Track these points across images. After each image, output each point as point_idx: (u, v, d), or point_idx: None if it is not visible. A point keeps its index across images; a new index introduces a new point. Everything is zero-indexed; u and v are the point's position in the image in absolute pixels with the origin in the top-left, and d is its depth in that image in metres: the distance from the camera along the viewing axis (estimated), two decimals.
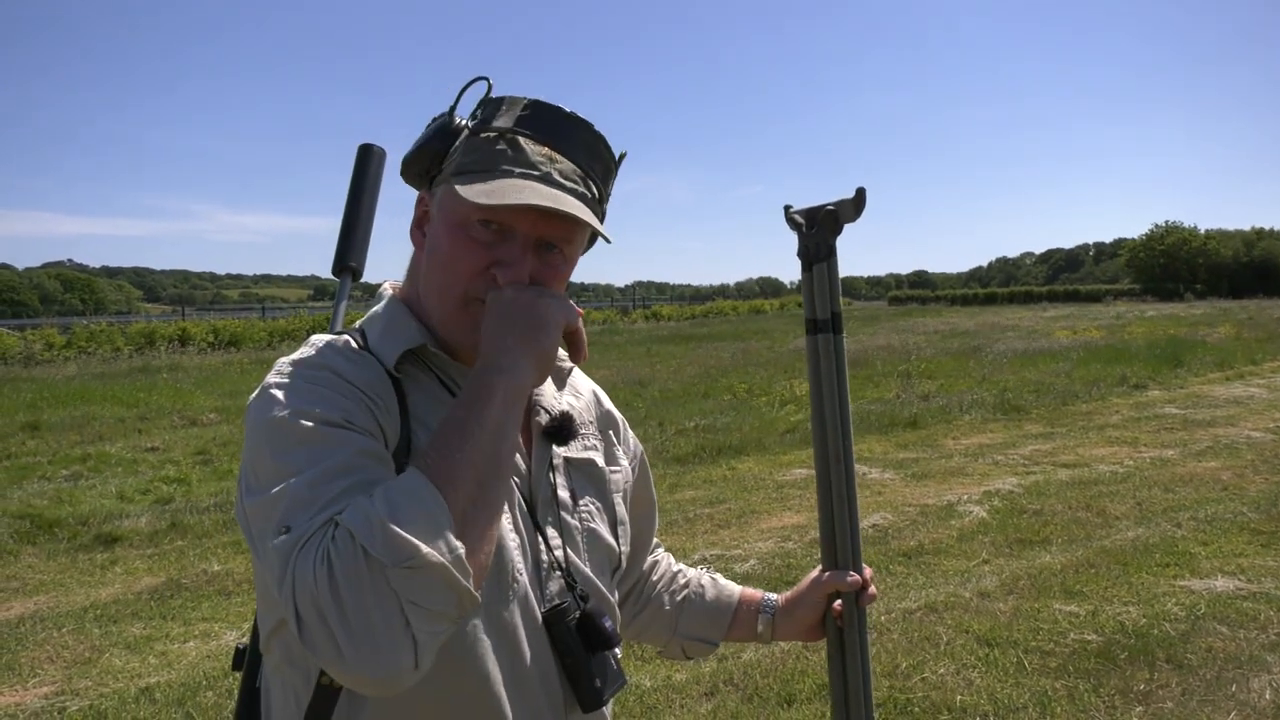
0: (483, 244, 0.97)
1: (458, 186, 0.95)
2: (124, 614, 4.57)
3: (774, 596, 1.31)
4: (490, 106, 1.01)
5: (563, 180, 0.98)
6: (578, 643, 1.01)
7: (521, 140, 0.98)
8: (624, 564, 1.17)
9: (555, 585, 1.03)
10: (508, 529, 0.98)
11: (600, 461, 1.16)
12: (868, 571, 1.24)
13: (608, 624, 1.03)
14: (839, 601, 1.23)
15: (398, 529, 0.76)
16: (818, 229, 1.22)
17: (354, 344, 1.01)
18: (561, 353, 1.13)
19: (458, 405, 0.87)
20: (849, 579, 1.21)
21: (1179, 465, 7.22)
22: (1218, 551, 5.02)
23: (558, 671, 1.01)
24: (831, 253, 1.22)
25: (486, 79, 1.03)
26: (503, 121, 0.98)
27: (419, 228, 1.05)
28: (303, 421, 0.88)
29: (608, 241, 1.02)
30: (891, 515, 5.98)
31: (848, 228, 1.22)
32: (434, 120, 1.04)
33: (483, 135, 0.99)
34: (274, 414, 0.89)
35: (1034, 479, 6.90)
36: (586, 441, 1.15)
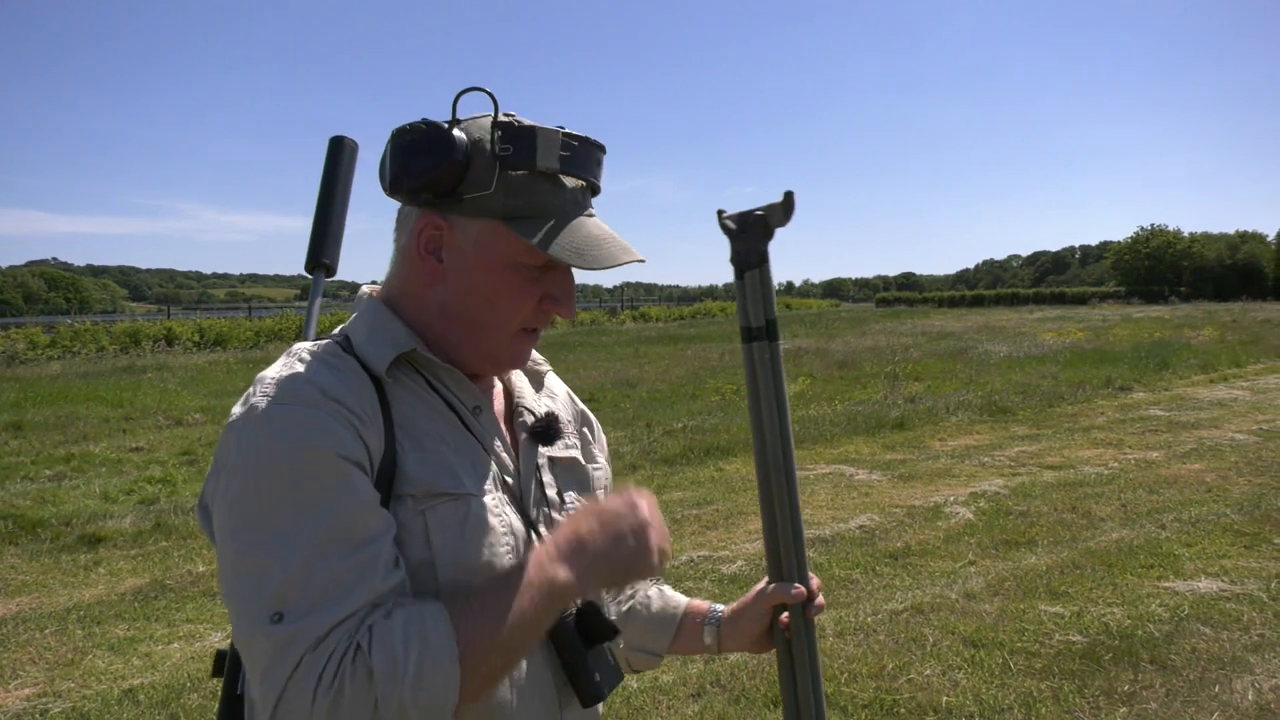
0: (532, 280, 0.99)
1: (529, 239, 0.94)
2: (107, 615, 4.54)
3: (720, 608, 1.28)
4: (521, 139, 0.95)
5: (593, 209, 1.03)
6: (576, 638, 1.02)
7: (563, 178, 0.98)
8: None
9: None
10: (502, 530, 0.98)
11: (582, 460, 1.17)
12: (815, 582, 1.21)
13: (606, 617, 1.05)
14: (785, 614, 1.19)
15: (417, 693, 0.81)
16: (748, 235, 1.20)
17: (339, 349, 0.98)
18: (537, 355, 1.16)
19: (517, 576, 0.90)
20: (794, 591, 1.16)
21: (1163, 467, 7.27)
22: (1201, 553, 5.06)
23: (557, 668, 1.02)
24: (764, 259, 1.21)
25: (491, 95, 0.96)
26: (546, 162, 0.96)
27: (430, 252, 0.99)
28: (292, 462, 0.86)
29: (641, 261, 1.04)
30: (878, 516, 6.00)
31: (788, 235, 1.21)
32: (421, 131, 0.96)
33: (522, 173, 0.96)
34: (261, 448, 0.87)
35: (1020, 480, 6.93)
36: (568, 440, 1.16)
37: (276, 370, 0.94)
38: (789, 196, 1.16)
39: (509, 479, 1.03)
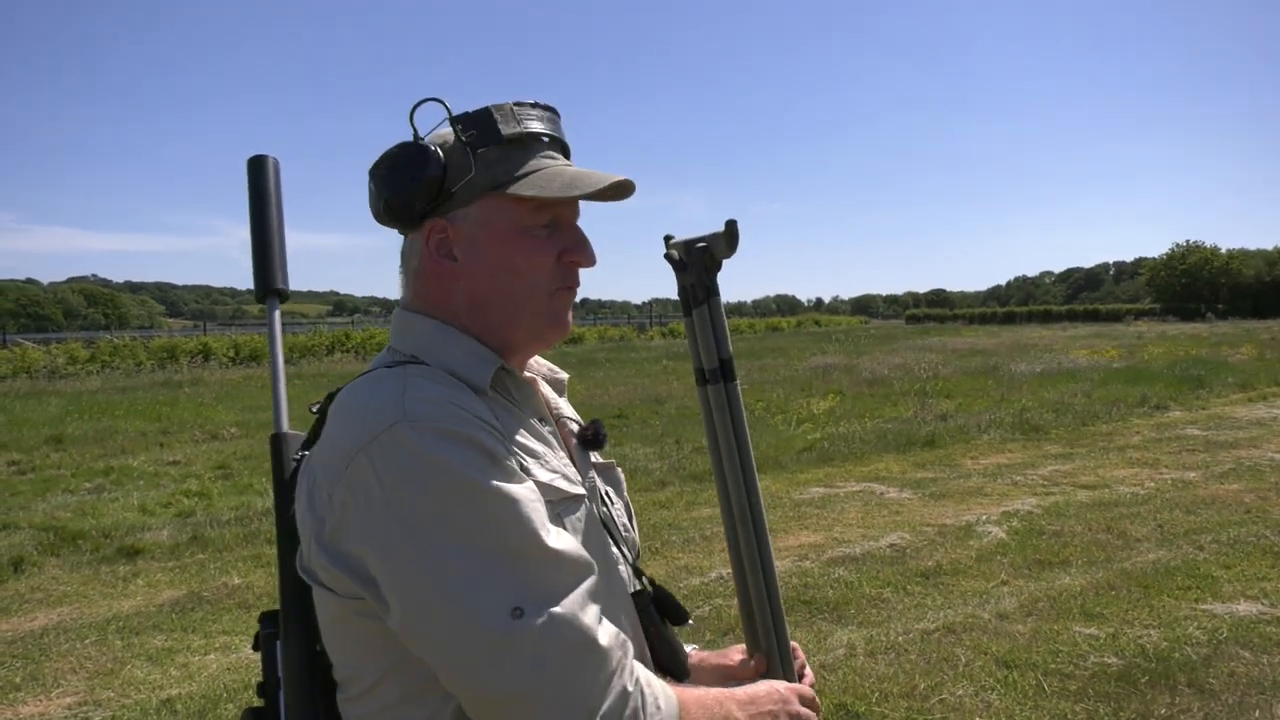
0: (545, 240, 1.04)
1: (524, 192, 1.00)
2: (145, 626, 4.62)
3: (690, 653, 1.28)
4: (480, 120, 1.02)
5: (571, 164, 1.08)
6: (661, 620, 1.12)
7: (529, 140, 1.04)
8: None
9: (625, 571, 1.11)
10: (598, 529, 1.07)
11: (616, 463, 1.24)
12: (799, 659, 1.25)
13: (679, 601, 1.15)
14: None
15: None
16: (693, 268, 1.13)
17: (438, 371, 1.00)
18: (554, 366, 1.22)
19: (712, 701, 1.01)
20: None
21: (1201, 487, 7.16)
22: (1240, 575, 4.97)
23: (647, 650, 1.09)
24: (711, 293, 1.14)
25: (441, 100, 1.02)
26: (510, 129, 1.02)
27: (444, 255, 1.04)
28: (477, 465, 0.89)
29: (629, 181, 1.07)
30: (909, 535, 5.96)
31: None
32: (394, 154, 1.02)
33: (493, 146, 1.01)
34: (435, 462, 0.87)
35: (1053, 500, 6.85)
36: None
37: (399, 394, 0.92)
38: (731, 226, 1.11)
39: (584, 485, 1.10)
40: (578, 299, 1.15)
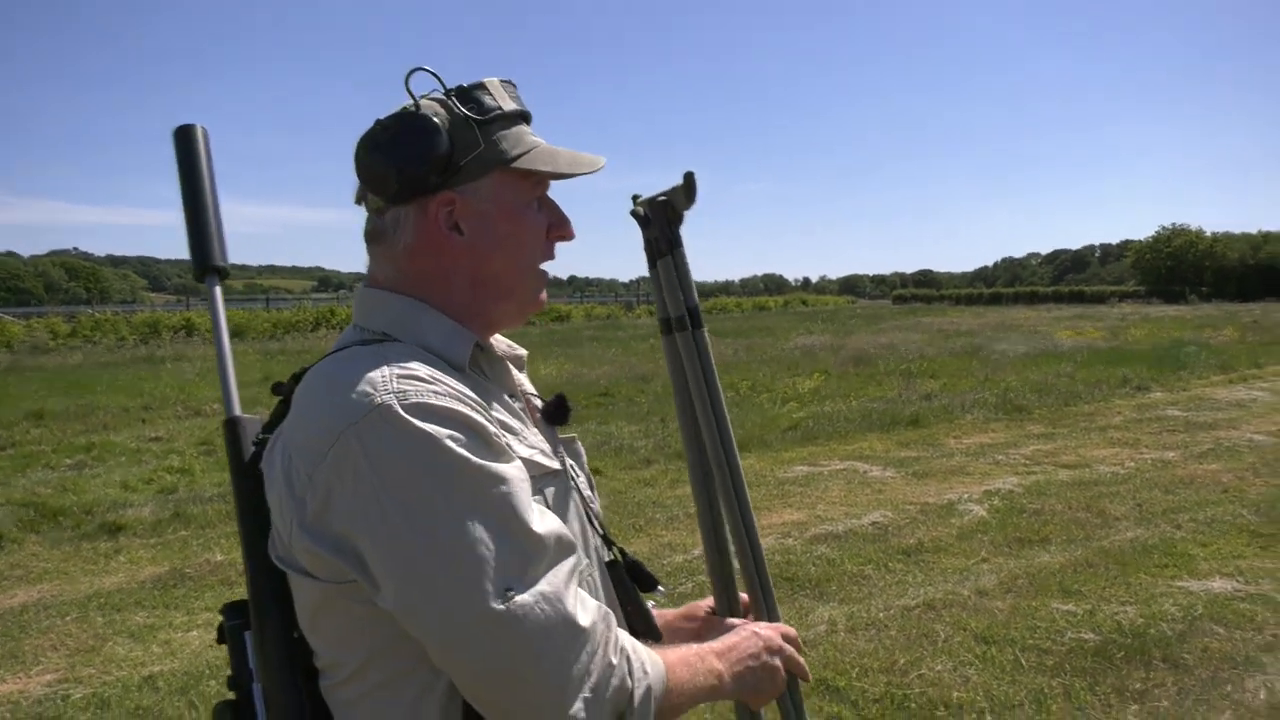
0: (539, 215, 1.07)
1: (538, 167, 1.03)
2: (127, 603, 4.61)
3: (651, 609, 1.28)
4: (476, 96, 1.02)
5: None
6: (634, 587, 1.14)
7: (517, 116, 1.06)
8: None
9: (597, 542, 1.12)
10: (576, 503, 1.08)
11: (577, 436, 1.24)
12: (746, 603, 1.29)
13: (648, 570, 1.17)
14: None
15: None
16: (655, 222, 1.18)
17: (415, 349, 0.98)
18: (512, 342, 1.21)
19: (694, 656, 1.04)
20: None
21: (1180, 467, 7.23)
22: (1216, 553, 5.04)
23: (622, 618, 1.10)
24: (675, 244, 1.18)
25: (433, 72, 1.01)
26: (507, 105, 1.04)
27: (451, 229, 1.02)
28: (464, 442, 0.88)
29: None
30: (891, 513, 6.00)
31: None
32: (402, 121, 0.99)
33: (496, 119, 1.02)
34: (423, 439, 0.86)
35: (1035, 479, 6.91)
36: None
37: (382, 372, 0.90)
38: (689, 177, 1.15)
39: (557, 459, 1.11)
40: (564, 276, 1.16)
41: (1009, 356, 15.94)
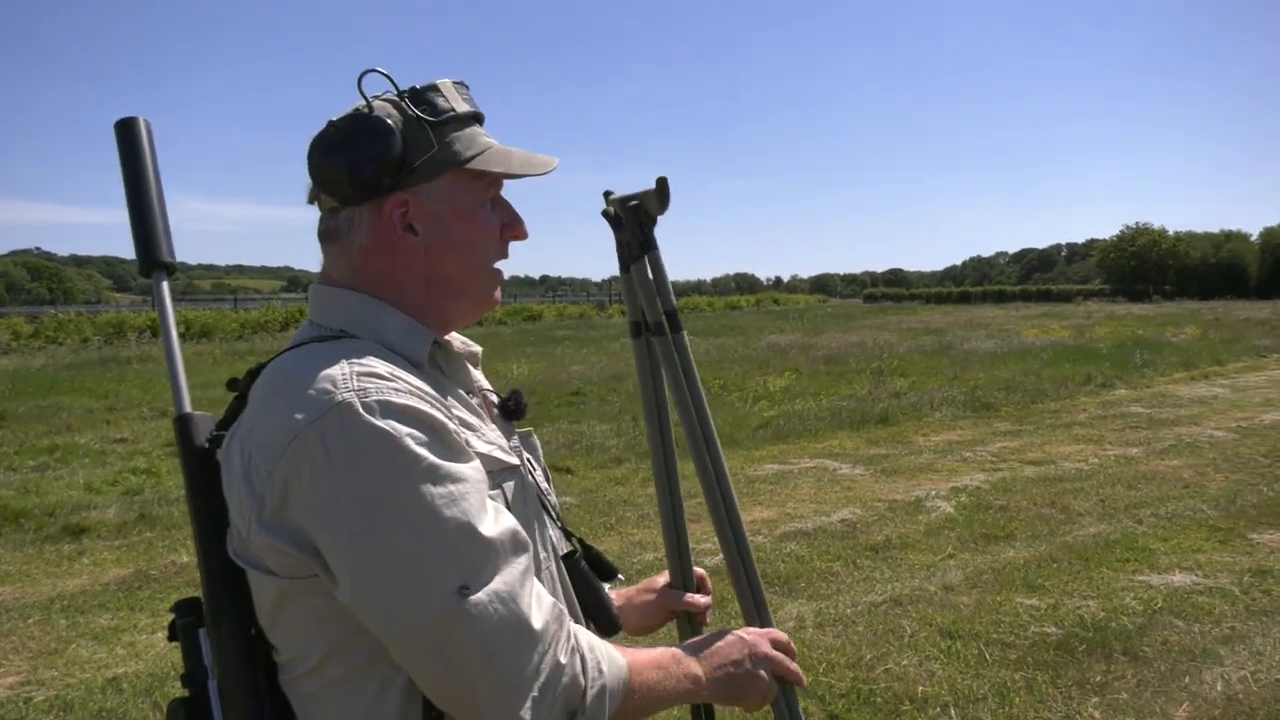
0: (492, 215, 1.09)
1: (490, 168, 1.04)
2: (91, 605, 4.55)
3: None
4: (428, 97, 1.03)
5: None
6: (593, 577, 1.15)
7: (469, 118, 1.07)
8: None
9: (555, 534, 1.14)
10: (534, 499, 1.10)
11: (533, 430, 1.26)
12: (706, 585, 1.39)
13: (608, 558, 1.20)
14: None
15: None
16: (628, 225, 1.18)
17: (376, 345, 0.99)
18: (467, 339, 1.21)
19: (667, 659, 1.05)
20: (702, 600, 1.36)
21: (1142, 463, 7.36)
22: (1176, 547, 5.14)
23: (579, 609, 1.12)
24: (649, 247, 1.18)
25: (384, 73, 1.02)
26: (460, 106, 1.05)
27: (406, 229, 1.02)
28: (421, 440, 0.89)
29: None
30: (860, 510, 6.06)
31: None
32: (354, 123, 1.00)
33: (447, 123, 1.03)
34: (381, 435, 0.87)
35: (1001, 475, 7.01)
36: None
37: (342, 369, 0.91)
38: (661, 183, 1.15)
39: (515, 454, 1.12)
40: (536, 276, 1.17)
41: (977, 354, 16.13)
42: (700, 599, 1.36)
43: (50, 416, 10.36)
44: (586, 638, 0.97)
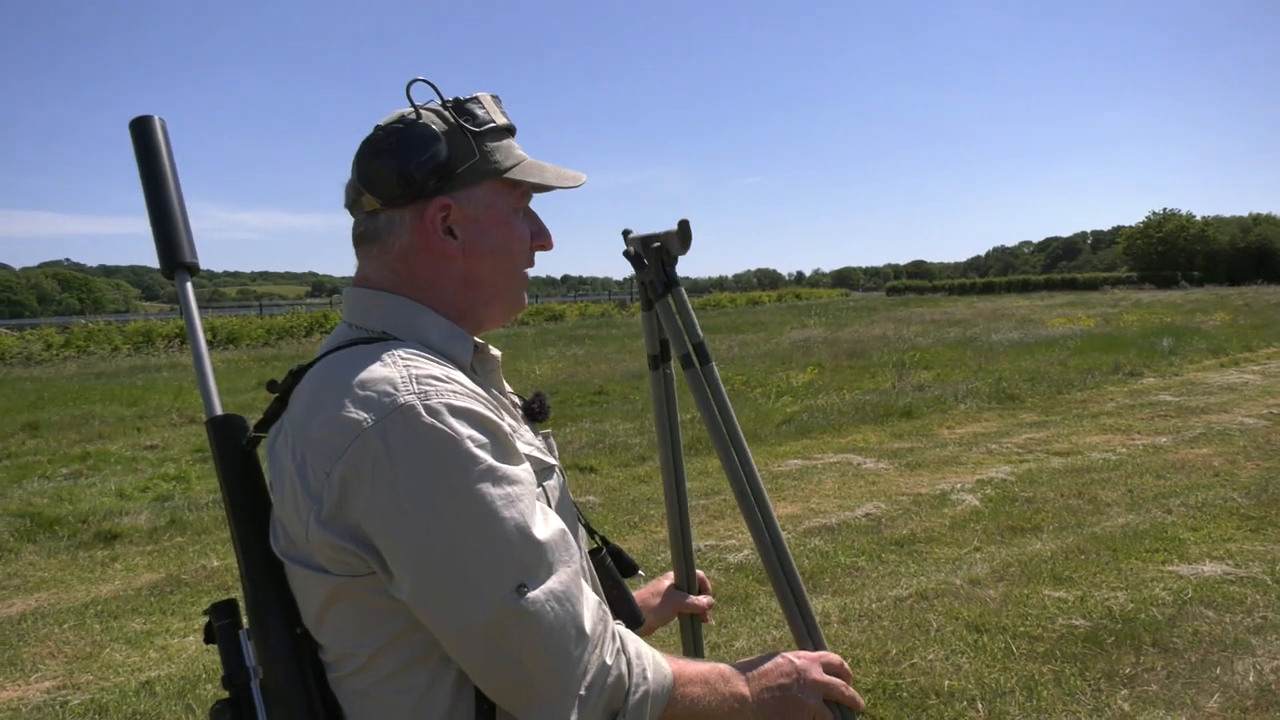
0: (523, 223, 1.13)
1: (529, 179, 1.08)
2: (124, 610, 4.62)
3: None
4: (471, 109, 1.07)
5: None
6: (617, 573, 1.20)
7: (506, 130, 1.11)
8: None
9: (581, 530, 1.17)
10: (568, 491, 1.14)
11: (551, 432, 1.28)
12: (705, 585, 1.51)
13: (628, 555, 1.24)
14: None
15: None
16: (650, 265, 1.22)
17: (422, 348, 1.01)
18: (488, 343, 1.22)
19: (716, 676, 1.07)
20: (704, 601, 1.46)
21: (1171, 452, 7.27)
22: (1207, 537, 5.07)
23: (607, 604, 1.14)
24: (671, 284, 1.22)
25: (430, 83, 1.06)
26: (500, 119, 1.09)
27: (448, 232, 1.06)
28: (483, 444, 0.92)
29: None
30: (884, 504, 6.03)
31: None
32: (405, 127, 1.03)
33: (489, 131, 1.07)
34: (444, 437, 0.89)
35: (1027, 467, 6.95)
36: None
37: (399, 370, 0.93)
38: (683, 225, 1.19)
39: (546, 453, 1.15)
40: (557, 275, 1.21)
41: (1002, 345, 15.98)
42: (702, 600, 1.44)
43: (82, 425, 10.53)
44: (634, 643, 1.00)
